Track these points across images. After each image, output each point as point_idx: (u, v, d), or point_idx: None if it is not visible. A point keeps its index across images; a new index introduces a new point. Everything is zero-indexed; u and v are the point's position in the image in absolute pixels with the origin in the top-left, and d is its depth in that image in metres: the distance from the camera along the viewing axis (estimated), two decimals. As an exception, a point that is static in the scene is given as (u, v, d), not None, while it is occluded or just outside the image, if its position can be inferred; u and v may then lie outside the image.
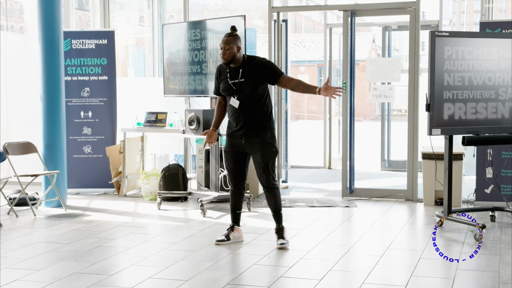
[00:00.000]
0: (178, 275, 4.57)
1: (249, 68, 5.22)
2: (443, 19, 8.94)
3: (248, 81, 5.19)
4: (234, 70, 5.25)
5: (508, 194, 6.82)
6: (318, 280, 4.45)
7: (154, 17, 9.34)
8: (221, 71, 5.36)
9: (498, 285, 4.31)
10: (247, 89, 5.19)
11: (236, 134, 5.30)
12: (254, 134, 5.25)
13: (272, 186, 5.35)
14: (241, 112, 5.23)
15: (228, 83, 5.26)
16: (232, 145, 5.36)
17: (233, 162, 5.40)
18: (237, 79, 5.22)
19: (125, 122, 8.22)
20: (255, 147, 5.27)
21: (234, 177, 5.46)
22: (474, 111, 5.90)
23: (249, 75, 5.20)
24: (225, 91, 5.30)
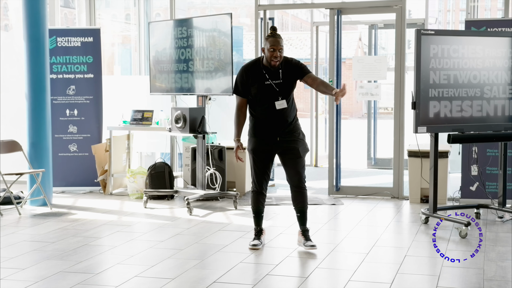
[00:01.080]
0: (164, 274, 4.56)
1: (288, 69, 5.03)
2: (429, 18, 8.97)
3: (288, 82, 5.03)
4: (272, 71, 5.02)
5: (492, 191, 6.86)
6: (304, 278, 4.46)
7: (140, 15, 9.31)
8: (253, 72, 5.05)
9: (483, 281, 4.34)
10: (289, 90, 5.04)
11: (270, 134, 5.07)
12: (290, 133, 5.08)
13: (304, 186, 5.22)
14: (279, 113, 5.02)
15: (267, 84, 5.00)
16: (263, 146, 5.11)
17: (264, 164, 5.16)
18: (278, 80, 5.01)
19: (111, 120, 8.19)
20: (290, 146, 5.08)
21: (263, 179, 5.21)
22: (460, 109, 5.93)
23: (288, 76, 5.02)
24: (263, 93, 5.00)
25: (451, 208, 6.63)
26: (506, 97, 6.07)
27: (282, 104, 5.01)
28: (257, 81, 5.01)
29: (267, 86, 5.01)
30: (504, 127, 6.05)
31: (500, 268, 4.66)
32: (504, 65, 6.04)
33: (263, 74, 5.02)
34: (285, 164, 5.19)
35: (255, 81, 5.02)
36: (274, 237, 5.70)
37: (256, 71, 5.04)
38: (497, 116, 6.05)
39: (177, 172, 8.21)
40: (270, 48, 4.94)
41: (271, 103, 5.00)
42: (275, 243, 5.50)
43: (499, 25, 6.96)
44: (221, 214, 6.69)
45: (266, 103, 5.02)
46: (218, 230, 5.94)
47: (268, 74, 5.02)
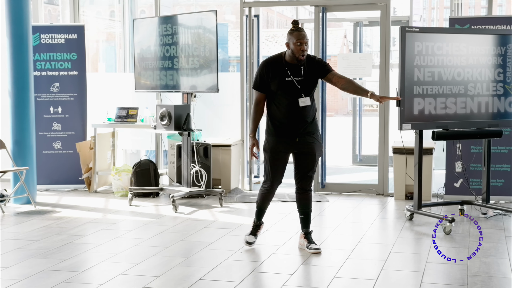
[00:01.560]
0: (150, 271, 4.55)
1: (310, 67, 4.88)
2: (413, 15, 9.03)
3: (310, 79, 4.88)
4: (294, 67, 4.87)
5: (476, 188, 6.91)
6: (289, 275, 4.47)
7: (125, 11, 9.26)
8: (274, 67, 4.88)
9: (467, 277, 4.37)
10: (311, 87, 4.89)
11: (289, 133, 4.91)
12: (310, 133, 4.94)
13: (311, 188, 5.13)
14: (299, 111, 4.86)
15: (288, 80, 4.84)
16: (282, 147, 4.95)
17: (281, 163, 5.01)
18: (300, 77, 4.85)
19: (96, 118, 8.15)
20: (308, 147, 4.94)
21: (277, 179, 5.05)
22: (444, 106, 5.97)
23: (310, 73, 4.87)
24: (284, 89, 4.84)
25: (435, 204, 6.68)
26: (490, 94, 6.11)
27: (306, 102, 4.85)
28: (278, 76, 4.84)
29: (288, 83, 4.84)
30: (487, 124, 6.09)
31: (483, 264, 4.70)
32: (487, 63, 6.07)
33: (284, 70, 4.86)
34: (297, 165, 5.04)
35: (275, 76, 4.85)
36: (260, 234, 5.70)
37: (277, 66, 4.87)
38: (481, 113, 6.09)
39: (162, 170, 8.19)
40: (296, 42, 4.77)
41: (291, 100, 4.85)
42: (261, 240, 5.50)
43: (482, 23, 7.00)
44: (207, 212, 6.69)
45: (286, 100, 4.86)
46: (203, 228, 5.93)
47: (290, 71, 4.86)
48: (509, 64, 6.13)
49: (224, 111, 8.34)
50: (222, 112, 8.35)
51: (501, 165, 7.03)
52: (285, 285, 4.25)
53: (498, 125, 6.14)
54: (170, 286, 4.23)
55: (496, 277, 4.40)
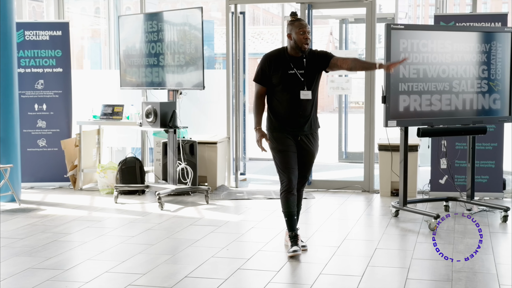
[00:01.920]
0: (135, 269, 4.53)
1: (312, 59, 4.80)
2: (399, 12, 9.05)
3: (312, 72, 4.80)
4: (297, 60, 4.79)
5: (461, 184, 6.95)
6: (276, 272, 4.47)
7: (110, 8, 9.21)
8: (277, 60, 4.80)
9: (452, 273, 4.40)
10: (313, 80, 4.81)
11: (291, 128, 4.83)
12: (312, 129, 4.89)
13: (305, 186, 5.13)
14: (302, 105, 4.79)
15: (291, 73, 4.76)
16: (289, 143, 4.85)
17: (292, 157, 4.85)
18: (302, 69, 4.78)
19: (81, 115, 8.11)
20: (310, 143, 4.90)
21: (293, 175, 4.86)
22: (429, 103, 5.99)
23: (312, 66, 4.80)
24: (287, 82, 4.76)
25: (420, 201, 6.71)
26: (474, 91, 6.14)
27: (307, 95, 4.78)
28: (281, 69, 4.76)
29: (291, 75, 4.76)
30: (472, 121, 6.13)
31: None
32: (472, 60, 6.11)
33: (287, 63, 4.78)
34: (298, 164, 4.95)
35: (278, 69, 4.77)
36: (245, 231, 5.71)
37: (280, 59, 4.79)
38: (466, 110, 6.12)
39: (148, 167, 8.16)
40: (299, 31, 4.70)
41: (294, 93, 4.76)
42: (247, 237, 5.51)
43: (467, 20, 7.04)
44: (193, 209, 6.67)
45: (289, 93, 4.77)
46: (189, 225, 5.92)
47: (293, 63, 4.78)
48: (494, 61, 6.17)
49: (210, 108, 8.33)
50: (208, 109, 8.34)
51: (485, 162, 7.07)
52: (271, 282, 4.25)
53: (482, 122, 6.18)
54: (156, 283, 4.22)
55: (480, 272, 4.43)
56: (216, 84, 8.08)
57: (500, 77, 6.21)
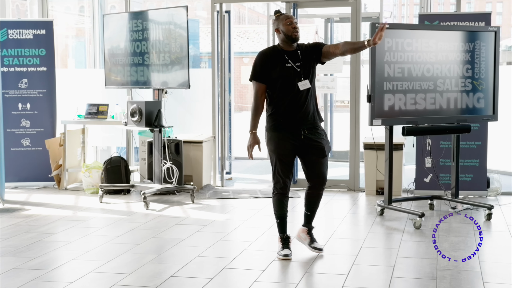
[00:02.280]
0: (121, 269, 4.51)
1: (305, 51, 4.72)
2: (384, 11, 9.07)
3: (308, 64, 4.70)
4: (291, 54, 4.70)
5: (446, 182, 6.99)
6: (261, 271, 4.47)
7: (95, 7, 9.17)
8: (273, 56, 4.70)
9: (436, 271, 4.42)
10: (309, 72, 4.69)
11: (294, 124, 4.68)
12: (315, 126, 4.72)
13: (324, 187, 4.89)
14: (302, 101, 4.66)
15: (288, 66, 4.65)
16: (289, 143, 4.70)
17: (289, 160, 4.74)
18: (298, 62, 4.67)
19: (66, 114, 8.06)
20: (315, 144, 4.71)
21: (287, 180, 4.77)
22: (414, 101, 6.02)
23: (306, 57, 4.70)
24: (285, 75, 4.64)
25: (405, 199, 6.75)
26: (459, 90, 6.18)
27: (305, 85, 4.65)
28: (278, 64, 4.66)
29: (288, 69, 4.65)
30: (456, 120, 6.16)
31: (453, 257, 4.76)
32: (456, 59, 6.14)
33: (283, 57, 4.68)
34: (308, 163, 4.79)
35: (275, 65, 4.66)
36: (231, 230, 5.70)
37: (275, 55, 4.69)
38: (450, 109, 6.16)
39: (133, 166, 8.14)
40: (286, 22, 4.64)
41: (293, 85, 4.65)
42: (233, 236, 5.50)
43: (451, 19, 7.08)
44: (178, 208, 6.66)
45: (288, 86, 4.65)
46: (175, 224, 5.91)
47: (288, 56, 4.69)
48: (477, 61, 6.21)
49: (196, 107, 8.31)
50: (194, 108, 8.33)
51: (469, 160, 7.12)
52: (257, 281, 4.25)
53: (466, 121, 6.22)
54: (142, 283, 4.21)
55: (464, 270, 4.46)
56: (201, 83, 8.07)
57: (484, 76, 6.25)
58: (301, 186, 7.73)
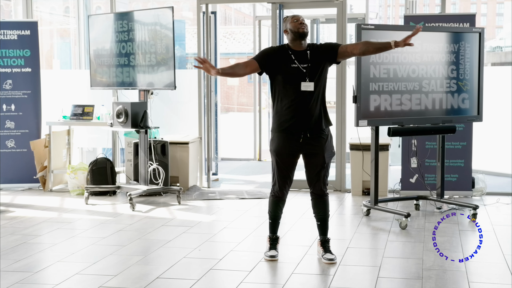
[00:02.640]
0: (107, 270, 4.49)
1: (315, 52, 4.60)
2: (369, 12, 9.12)
3: (316, 66, 4.57)
4: (300, 54, 4.59)
5: (431, 183, 7.03)
6: (248, 272, 4.47)
7: (80, 7, 9.12)
8: (280, 54, 4.59)
9: (422, 271, 4.45)
10: (316, 75, 4.57)
11: (295, 131, 4.57)
12: (318, 131, 4.60)
13: (327, 192, 4.77)
14: (305, 103, 4.54)
15: (294, 67, 4.54)
16: (287, 146, 4.61)
17: (289, 164, 4.67)
18: (306, 63, 4.56)
19: (51, 116, 8.02)
20: (317, 147, 4.61)
21: (285, 184, 4.72)
22: (399, 102, 6.04)
23: (316, 60, 4.58)
24: (290, 75, 4.54)
25: (391, 200, 6.78)
26: (444, 91, 6.21)
27: (309, 87, 4.52)
28: (282, 62, 4.56)
29: (293, 69, 4.54)
30: (441, 120, 6.20)
31: (438, 257, 4.78)
32: (441, 60, 6.18)
33: (290, 56, 4.57)
34: (307, 168, 4.73)
35: (279, 61, 4.56)
36: (218, 231, 5.70)
37: (283, 53, 4.59)
38: (435, 110, 6.19)
39: (119, 168, 8.10)
40: (293, 20, 4.57)
41: (297, 86, 4.53)
42: (219, 237, 5.50)
43: (436, 20, 7.12)
44: (164, 210, 6.64)
45: (292, 87, 4.54)
46: (161, 226, 5.89)
47: (295, 57, 4.57)
48: (462, 61, 6.24)
49: (182, 108, 8.30)
50: (180, 109, 8.31)
51: (455, 161, 7.16)
52: (244, 282, 4.25)
53: (452, 121, 6.25)
54: (128, 285, 4.19)
55: (450, 270, 4.48)
56: (187, 84, 8.06)
57: (469, 77, 6.29)
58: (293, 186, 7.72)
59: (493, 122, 7.43)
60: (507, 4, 49.41)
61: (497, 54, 26.00)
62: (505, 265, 4.58)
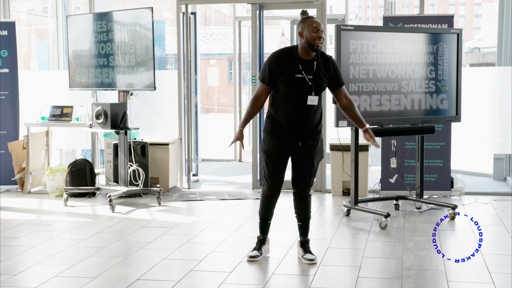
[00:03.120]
0: (86, 272, 4.46)
1: (325, 66, 4.52)
2: (349, 13, 9.16)
3: (321, 78, 4.50)
4: (307, 63, 4.48)
5: (411, 183, 7.07)
6: (228, 273, 4.46)
7: (58, 8, 9.05)
8: (285, 60, 4.47)
9: (401, 271, 4.47)
10: (321, 86, 4.51)
11: (291, 135, 4.53)
12: (313, 136, 4.58)
13: (310, 193, 4.78)
14: (307, 112, 4.50)
15: (299, 77, 4.44)
16: (280, 148, 4.58)
17: (278, 167, 4.64)
18: (312, 74, 4.47)
19: (29, 117, 7.94)
20: (309, 151, 4.58)
21: (275, 184, 4.69)
22: (379, 103, 6.08)
23: (321, 72, 4.51)
24: (293, 86, 4.45)
25: (371, 200, 6.80)
26: (423, 92, 6.26)
27: (314, 101, 4.47)
28: (288, 71, 4.44)
29: (298, 79, 4.44)
30: (420, 121, 6.24)
31: (417, 257, 4.81)
32: (420, 60, 6.22)
33: (296, 65, 4.45)
34: (295, 169, 4.69)
35: (285, 71, 4.44)
36: (198, 232, 5.68)
37: (288, 60, 4.46)
38: (414, 110, 6.23)
39: (98, 169, 8.05)
40: (312, 29, 4.39)
41: (300, 98, 4.46)
42: (199, 238, 5.48)
43: (415, 21, 7.17)
44: (145, 211, 6.61)
45: (294, 97, 4.46)
46: (141, 227, 5.86)
47: (302, 66, 4.46)
48: (441, 62, 6.29)
49: (162, 109, 8.27)
50: (160, 110, 8.28)
51: (434, 161, 7.21)
52: (224, 283, 4.24)
53: (430, 122, 6.30)
54: (107, 287, 4.16)
55: (429, 269, 4.51)
56: (167, 85, 8.03)
57: (447, 78, 6.34)
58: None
59: (471, 122, 7.50)
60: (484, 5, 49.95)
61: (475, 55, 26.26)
62: (484, 264, 4.63)
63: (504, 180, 8.29)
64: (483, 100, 7.65)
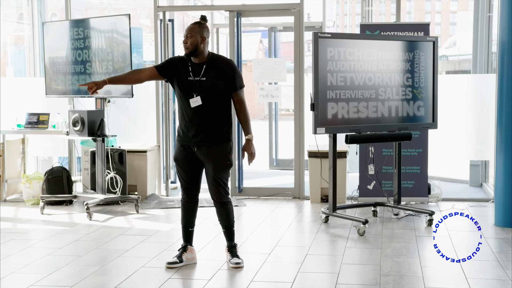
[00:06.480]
0: (63, 281, 4.41)
1: (213, 67, 4.62)
2: (326, 21, 9.21)
3: (210, 81, 4.59)
4: (196, 66, 4.63)
5: (388, 189, 7.11)
6: (207, 280, 4.45)
7: (34, 14, 8.97)
8: (180, 63, 4.66)
9: (380, 277, 4.49)
10: (209, 89, 4.59)
11: (188, 140, 4.66)
12: (209, 142, 4.63)
13: (225, 200, 4.77)
14: (196, 115, 4.61)
15: (187, 79, 4.61)
16: (182, 152, 4.70)
17: (185, 171, 4.74)
18: (199, 76, 4.60)
19: (4, 124, 7.85)
20: (208, 157, 4.66)
21: (186, 189, 4.79)
22: (356, 110, 6.11)
23: (212, 75, 4.60)
24: (182, 88, 4.62)
25: (349, 206, 6.83)
26: (399, 99, 6.30)
27: (196, 102, 4.58)
28: (181, 74, 4.63)
29: (188, 82, 4.61)
30: (397, 128, 6.28)
31: (395, 263, 4.84)
32: (396, 68, 6.27)
33: (187, 68, 4.64)
34: (206, 178, 4.80)
35: (178, 72, 4.65)
36: (176, 240, 5.65)
37: (184, 63, 4.66)
38: (391, 117, 6.27)
39: (76, 177, 7.98)
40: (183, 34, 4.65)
41: (188, 101, 4.63)
42: (178, 246, 5.45)
43: (392, 29, 7.22)
44: (122, 219, 6.56)
45: (186, 100, 4.63)
46: (119, 235, 5.82)
47: (192, 68, 4.63)
48: (417, 70, 6.35)
49: (140, 116, 8.23)
50: (138, 117, 8.24)
51: (411, 167, 7.26)
52: (203, 291, 4.23)
53: (407, 129, 6.35)
54: (84, 296, 4.12)
55: (407, 276, 4.53)
56: (145, 92, 7.99)
57: (424, 85, 6.39)
58: (246, 194, 7.74)
59: (447, 129, 7.57)
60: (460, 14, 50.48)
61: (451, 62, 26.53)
62: (460, 270, 4.66)
63: (481, 186, 8.37)
64: (459, 107, 7.73)
